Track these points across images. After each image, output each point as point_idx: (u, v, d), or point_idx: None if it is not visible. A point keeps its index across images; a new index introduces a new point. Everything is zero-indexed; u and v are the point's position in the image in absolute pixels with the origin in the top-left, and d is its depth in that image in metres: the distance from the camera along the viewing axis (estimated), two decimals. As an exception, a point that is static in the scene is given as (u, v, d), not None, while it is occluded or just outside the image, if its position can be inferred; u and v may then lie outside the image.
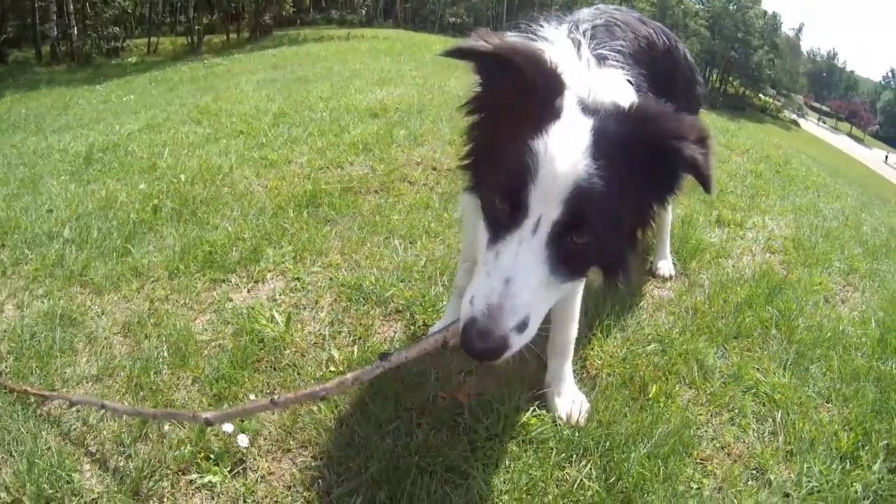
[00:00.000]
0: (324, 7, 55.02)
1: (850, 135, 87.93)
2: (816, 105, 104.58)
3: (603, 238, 1.53)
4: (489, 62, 1.60)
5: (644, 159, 1.53)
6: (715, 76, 70.96)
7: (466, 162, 1.78)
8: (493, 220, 1.56)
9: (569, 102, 1.56)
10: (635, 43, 2.41)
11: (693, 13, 66.78)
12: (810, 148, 37.48)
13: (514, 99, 1.57)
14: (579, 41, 1.95)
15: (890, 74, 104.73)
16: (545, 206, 1.45)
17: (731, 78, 70.95)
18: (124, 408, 2.24)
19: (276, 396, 1.78)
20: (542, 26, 2.05)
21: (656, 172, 1.57)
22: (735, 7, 65.59)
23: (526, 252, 1.47)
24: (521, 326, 1.47)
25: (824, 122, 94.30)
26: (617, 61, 2.01)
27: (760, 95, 75.59)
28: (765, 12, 68.38)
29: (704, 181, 1.51)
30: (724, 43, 64.63)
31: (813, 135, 69.58)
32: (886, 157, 65.13)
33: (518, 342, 1.48)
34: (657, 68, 2.48)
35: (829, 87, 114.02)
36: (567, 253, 1.50)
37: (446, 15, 58.20)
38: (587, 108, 1.57)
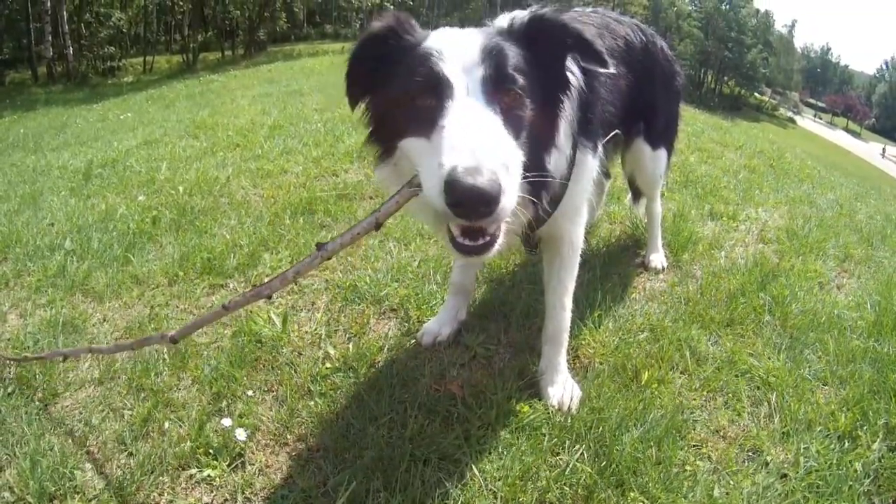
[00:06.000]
0: (318, 22, 55.36)
1: (846, 129, 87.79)
2: (812, 101, 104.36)
3: (527, 95, 1.62)
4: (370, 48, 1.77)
5: (535, 48, 1.69)
6: (710, 77, 70.99)
7: (371, 132, 1.87)
8: (421, 120, 1.55)
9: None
10: (612, 42, 2.48)
11: (686, 15, 66.86)
12: (807, 144, 37.50)
13: (392, 46, 1.72)
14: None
15: (884, 67, 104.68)
16: (465, 74, 1.54)
17: (725, 78, 70.95)
18: (107, 347, 2.39)
19: (226, 302, 1.85)
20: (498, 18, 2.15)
21: (545, 60, 1.71)
22: (727, 7, 65.66)
23: (471, 107, 1.51)
24: (505, 167, 1.41)
25: (820, 118, 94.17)
26: None
27: (756, 94, 75.61)
28: (757, 10, 68.39)
29: (588, 47, 1.68)
30: (718, 43, 64.56)
31: (809, 131, 69.43)
32: (884, 149, 64.87)
33: (509, 186, 1.39)
34: (636, 67, 2.56)
35: (824, 83, 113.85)
36: (508, 108, 1.56)
37: (440, 25, 58.31)
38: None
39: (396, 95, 1.67)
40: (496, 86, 1.55)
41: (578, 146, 1.99)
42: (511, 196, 1.40)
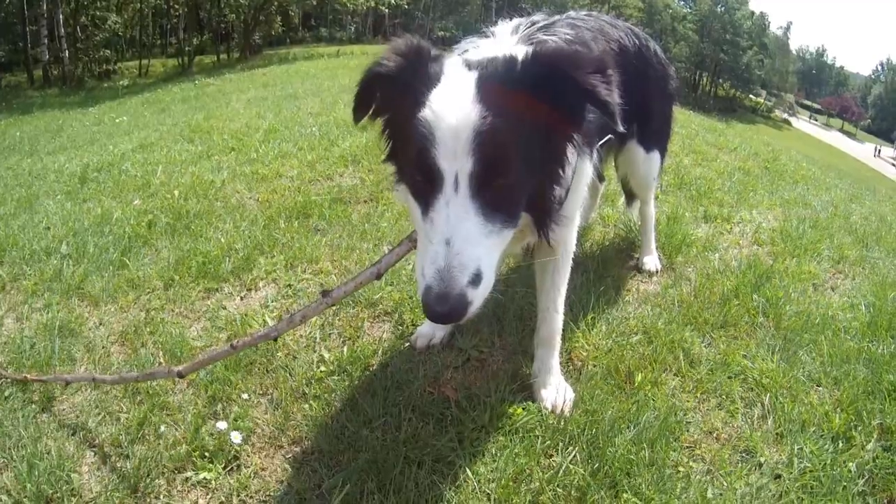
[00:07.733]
0: (313, 25, 55.28)
1: (841, 130, 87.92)
2: (807, 103, 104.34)
3: (522, 174, 1.62)
4: (375, 79, 1.76)
5: (543, 93, 1.61)
6: (705, 79, 71.22)
7: (388, 155, 1.89)
8: (419, 194, 1.63)
9: (449, 65, 1.67)
10: (606, 46, 2.49)
11: (681, 17, 67.03)
12: (802, 146, 37.56)
13: (400, 86, 1.68)
14: (517, 28, 2.03)
15: (879, 68, 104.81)
16: (455, 162, 1.52)
17: (721, 80, 71.14)
18: (112, 378, 2.40)
19: (234, 342, 1.94)
20: (497, 25, 2.15)
21: (558, 105, 1.64)
22: (723, 9, 65.84)
23: (456, 210, 1.53)
24: (475, 280, 1.52)
25: (816, 120, 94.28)
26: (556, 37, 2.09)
27: (751, 96, 75.78)
28: (752, 13, 68.53)
29: (604, 107, 1.60)
30: (713, 45, 64.78)
31: (805, 132, 69.58)
32: (878, 150, 64.98)
33: (477, 296, 1.54)
34: (630, 70, 2.57)
35: (820, 84, 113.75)
36: (495, 199, 1.57)
37: (435, 29, 58.28)
38: (471, 64, 1.66)
39: (401, 149, 1.77)
40: (484, 181, 1.54)
41: (578, 153, 2.00)
42: (478, 304, 1.56)
